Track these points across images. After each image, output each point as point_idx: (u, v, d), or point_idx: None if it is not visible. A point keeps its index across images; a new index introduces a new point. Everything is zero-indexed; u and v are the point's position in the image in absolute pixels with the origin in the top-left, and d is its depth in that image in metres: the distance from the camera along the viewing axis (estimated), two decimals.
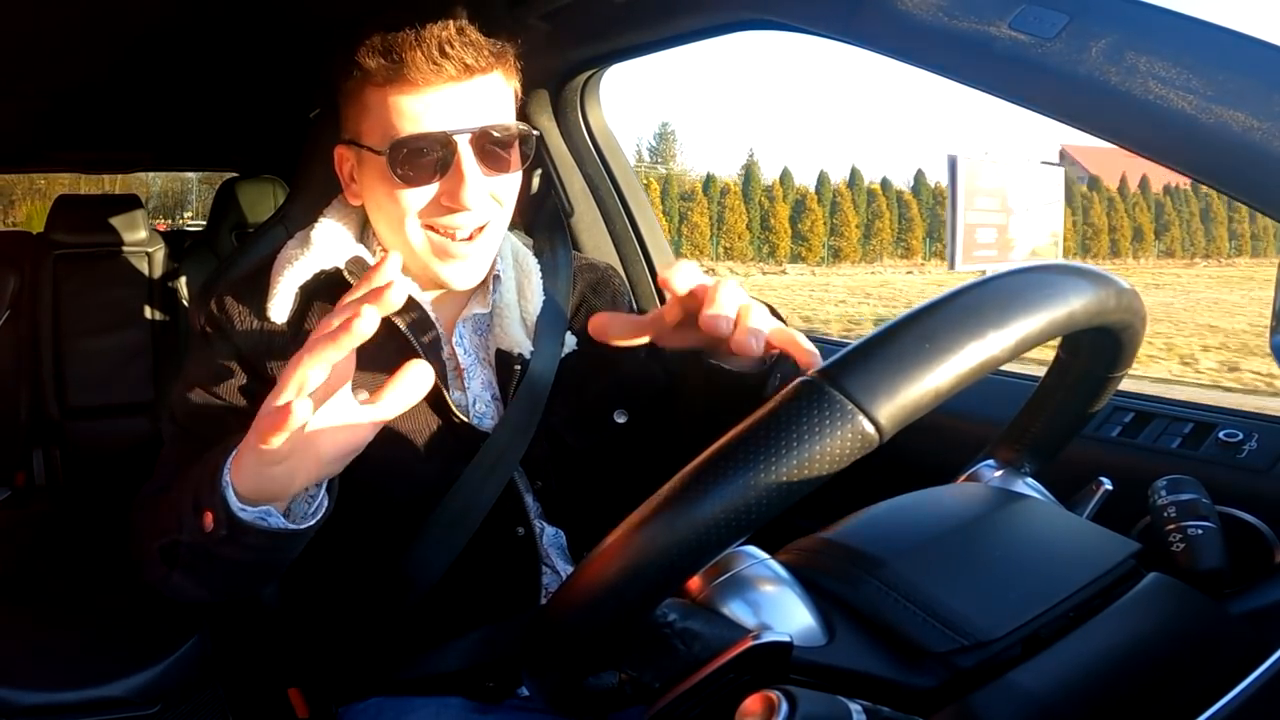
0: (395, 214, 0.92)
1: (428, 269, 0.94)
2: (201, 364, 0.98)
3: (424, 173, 0.88)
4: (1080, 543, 0.60)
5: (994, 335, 0.45)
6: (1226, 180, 0.62)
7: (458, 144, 0.88)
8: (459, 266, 0.93)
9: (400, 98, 0.88)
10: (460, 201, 0.88)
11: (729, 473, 0.43)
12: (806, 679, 0.48)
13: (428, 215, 0.91)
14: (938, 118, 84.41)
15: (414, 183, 0.89)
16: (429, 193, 0.90)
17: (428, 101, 0.87)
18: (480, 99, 0.89)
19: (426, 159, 0.88)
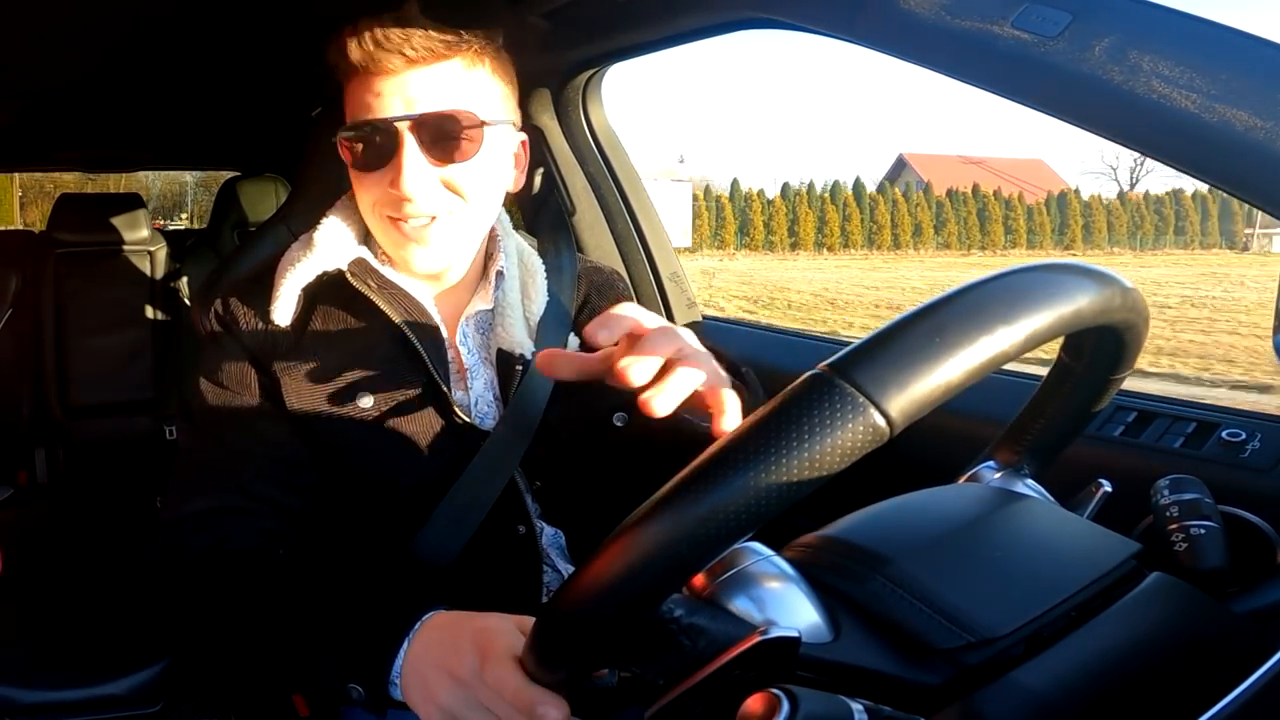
0: (362, 201, 0.94)
1: (397, 255, 0.96)
2: (214, 364, 0.98)
3: (371, 160, 0.90)
4: (1082, 542, 0.60)
5: (1003, 330, 0.45)
6: (1229, 179, 0.62)
7: (399, 130, 0.88)
8: (415, 250, 0.93)
9: (353, 87, 0.91)
10: (400, 189, 0.88)
11: (738, 466, 0.43)
12: (812, 675, 0.48)
13: (381, 203, 0.92)
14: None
15: (364, 169, 0.91)
16: (378, 180, 0.91)
17: (374, 90, 0.89)
18: (428, 88, 0.89)
19: (372, 147, 0.89)
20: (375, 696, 0.73)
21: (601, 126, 1.57)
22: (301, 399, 0.95)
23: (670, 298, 1.62)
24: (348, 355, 0.97)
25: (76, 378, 2.75)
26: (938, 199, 36.13)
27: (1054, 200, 36.29)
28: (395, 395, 0.96)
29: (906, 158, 42.80)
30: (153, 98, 2.09)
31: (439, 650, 0.69)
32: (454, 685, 0.66)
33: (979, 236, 35.19)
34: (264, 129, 2.53)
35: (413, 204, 0.90)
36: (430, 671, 0.69)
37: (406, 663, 0.71)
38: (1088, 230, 36.07)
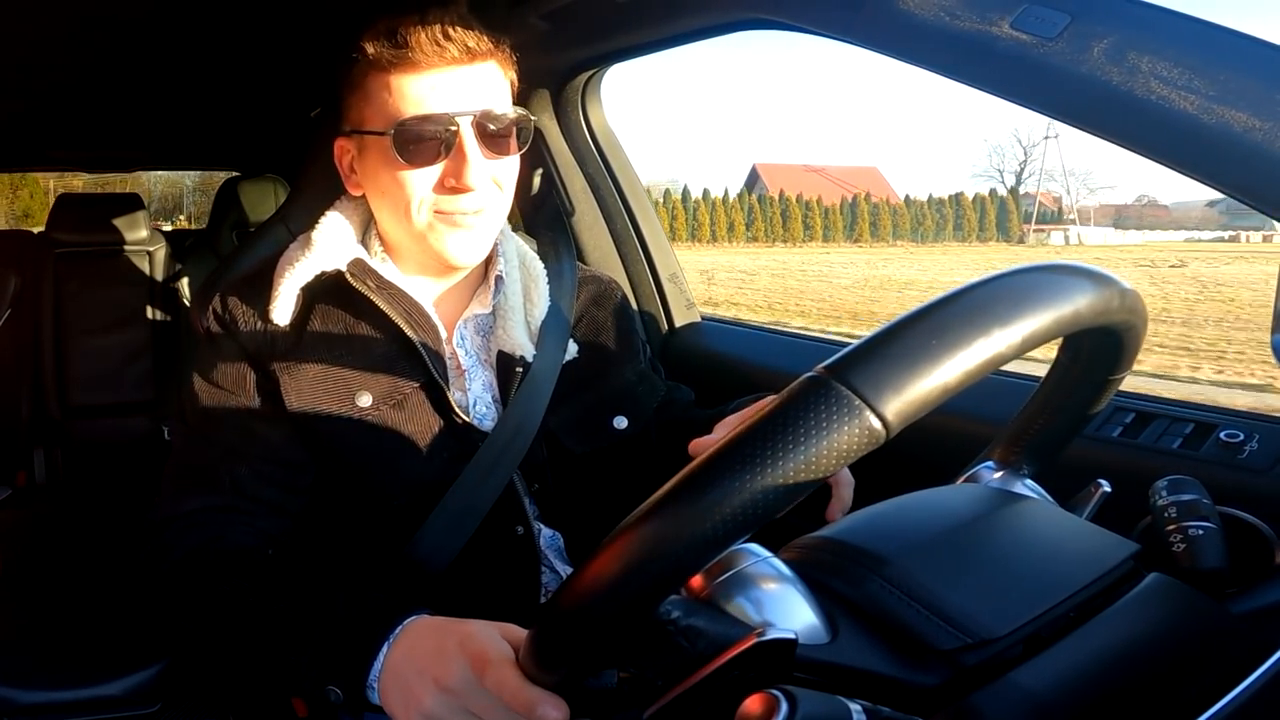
0: (400, 198, 0.92)
1: (431, 251, 0.95)
2: (210, 366, 0.98)
3: (427, 154, 0.90)
4: (1081, 543, 0.60)
5: (1000, 332, 0.45)
6: (1227, 180, 0.62)
7: (460, 125, 0.89)
8: (463, 239, 0.94)
9: (404, 80, 0.89)
10: (464, 181, 0.89)
11: (735, 468, 0.43)
12: (810, 677, 0.48)
13: (432, 197, 0.92)
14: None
15: (418, 163, 0.90)
16: (433, 174, 0.91)
17: (431, 83, 0.89)
18: (480, 83, 0.91)
19: (430, 140, 0.89)
20: (353, 699, 0.73)
21: (601, 127, 1.57)
22: (300, 398, 0.95)
23: (669, 299, 1.62)
24: (346, 354, 0.97)
25: (76, 378, 2.75)
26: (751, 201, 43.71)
27: (847, 204, 44.06)
28: (393, 394, 0.96)
29: (759, 168, 50.34)
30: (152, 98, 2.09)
31: (423, 657, 0.69)
32: (440, 693, 0.65)
33: (781, 231, 42.54)
34: (264, 129, 2.53)
35: (470, 196, 0.91)
36: (413, 678, 0.68)
37: (386, 667, 0.71)
38: (874, 226, 43.43)
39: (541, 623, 0.53)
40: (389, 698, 0.70)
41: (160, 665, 1.41)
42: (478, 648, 0.65)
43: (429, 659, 0.68)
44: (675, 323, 1.63)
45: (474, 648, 0.65)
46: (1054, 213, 53.31)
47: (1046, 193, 55.15)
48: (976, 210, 43.56)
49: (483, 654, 0.64)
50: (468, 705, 0.64)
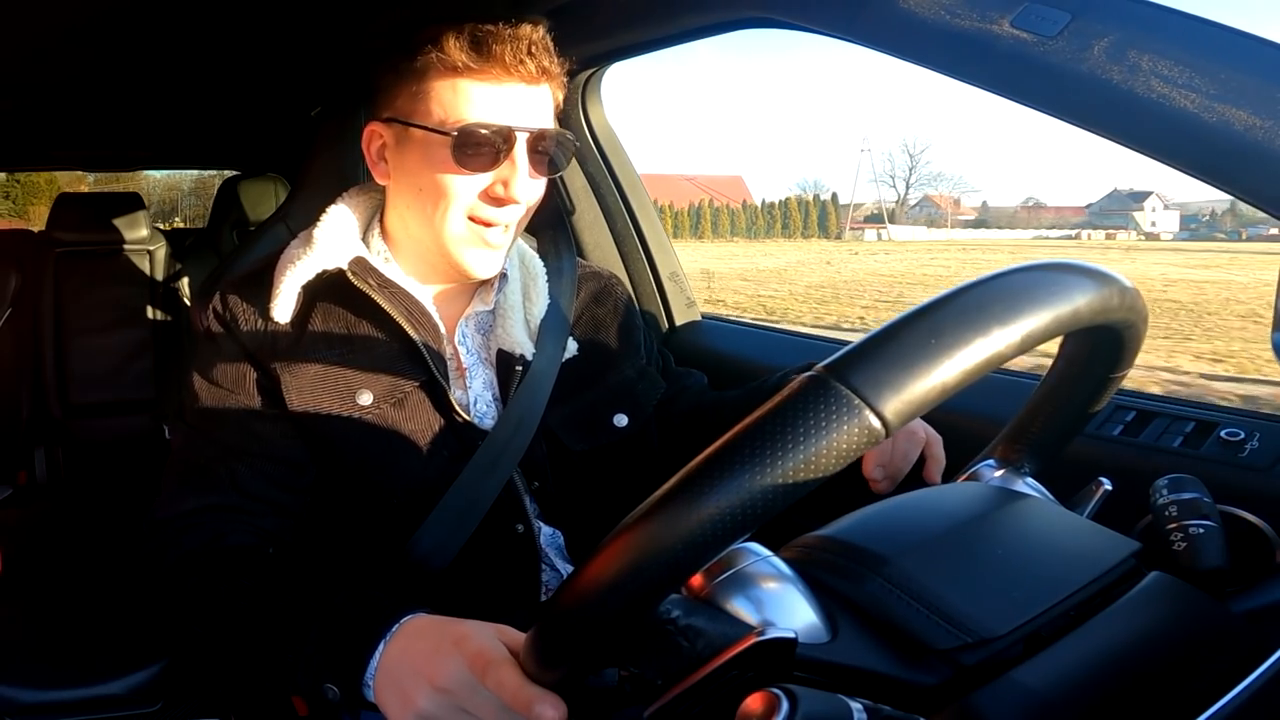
0: (439, 197, 0.93)
1: (449, 258, 0.95)
2: (210, 364, 0.98)
3: (483, 160, 0.91)
4: (1081, 542, 0.60)
5: (1000, 331, 0.45)
6: (1228, 179, 0.62)
7: (518, 140, 0.91)
8: (488, 255, 0.95)
9: (476, 86, 0.90)
10: (512, 192, 0.91)
11: (734, 467, 0.43)
12: (810, 676, 0.48)
13: (472, 203, 0.93)
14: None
15: (471, 168, 0.91)
16: (481, 181, 0.92)
17: (502, 95, 0.91)
18: (540, 104, 0.93)
19: (487, 149, 0.90)
20: (350, 697, 0.73)
21: (601, 126, 1.57)
22: (301, 396, 0.95)
23: (669, 297, 1.62)
24: (347, 353, 0.97)
25: (76, 377, 2.75)
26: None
27: (694, 207, 50.03)
28: (394, 393, 0.96)
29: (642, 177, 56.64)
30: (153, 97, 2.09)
31: (417, 657, 0.69)
32: (434, 692, 0.65)
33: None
34: (264, 128, 2.53)
35: (515, 209, 0.93)
36: (408, 678, 0.68)
37: (381, 666, 0.71)
38: (715, 225, 49.62)
39: (542, 621, 0.53)
40: (384, 697, 0.70)
41: (161, 664, 1.41)
42: (476, 647, 0.65)
43: (424, 658, 0.68)
44: (675, 321, 1.63)
45: (472, 647, 0.65)
46: (945, 212, 62.72)
47: (942, 195, 64.86)
48: (801, 212, 52.39)
49: (482, 653, 0.64)
50: (464, 704, 0.64)
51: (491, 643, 0.65)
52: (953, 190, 65.70)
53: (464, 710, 0.64)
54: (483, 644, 0.65)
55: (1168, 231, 58.46)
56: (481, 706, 0.63)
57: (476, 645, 0.65)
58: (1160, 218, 63.60)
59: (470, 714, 0.64)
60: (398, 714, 0.68)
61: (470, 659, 0.64)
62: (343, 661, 0.73)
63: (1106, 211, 66.36)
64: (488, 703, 0.63)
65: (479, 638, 0.65)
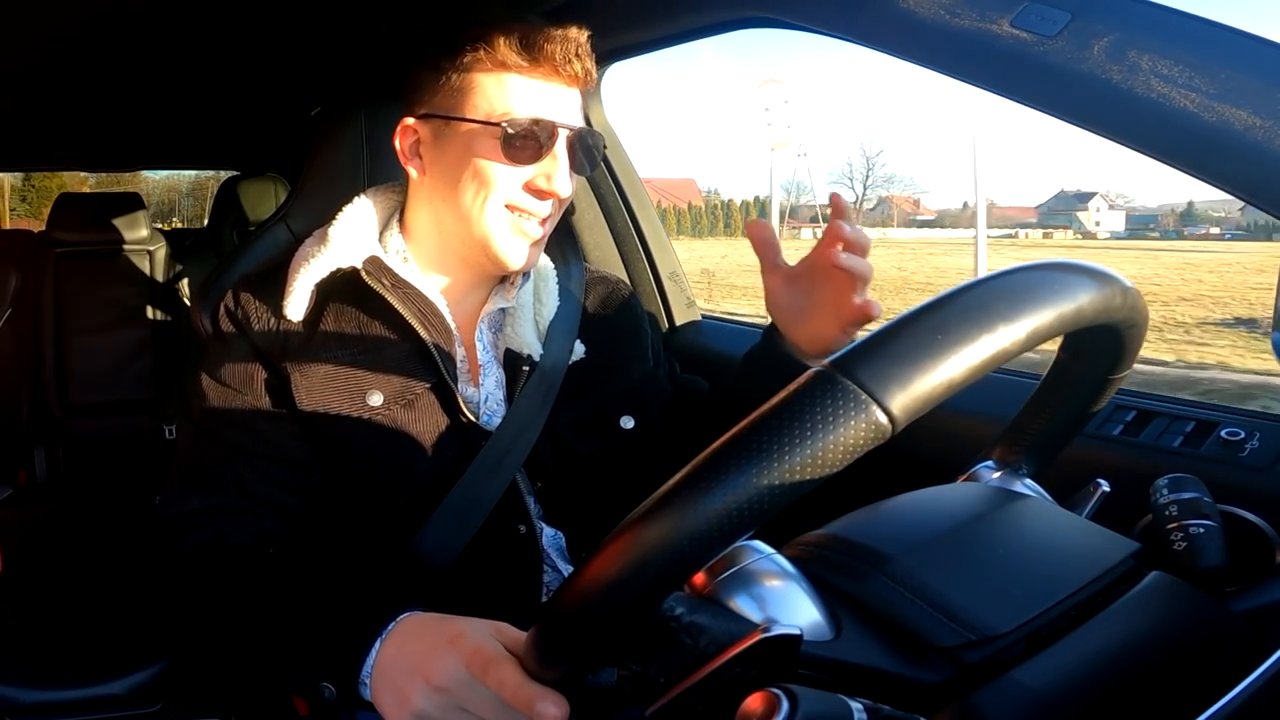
0: (480, 187, 0.94)
1: (487, 250, 0.96)
2: (219, 363, 0.98)
3: (528, 153, 0.93)
4: (1081, 541, 0.60)
5: (1005, 328, 0.45)
6: (1227, 178, 0.62)
7: (560, 136, 0.93)
8: (524, 246, 0.97)
9: (525, 82, 0.93)
10: (553, 185, 0.93)
11: (740, 463, 0.43)
12: (813, 674, 0.48)
13: (514, 194, 0.94)
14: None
15: (518, 160, 0.93)
16: (526, 173, 0.94)
17: (549, 92, 0.94)
18: (577, 105, 0.97)
19: (532, 142, 0.93)
20: (346, 696, 0.73)
21: (601, 126, 1.57)
22: (311, 396, 0.95)
23: (669, 297, 1.62)
24: (359, 353, 0.97)
25: (76, 377, 2.75)
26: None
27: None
28: (405, 394, 0.96)
29: None
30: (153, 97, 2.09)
31: (413, 656, 0.69)
32: (430, 690, 0.65)
33: None
34: (264, 128, 2.53)
35: (555, 202, 0.96)
36: (403, 676, 0.68)
37: (377, 665, 0.71)
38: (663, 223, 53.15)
39: (545, 618, 0.53)
40: (380, 696, 0.70)
41: (162, 664, 1.41)
42: (473, 645, 0.65)
43: (419, 657, 0.68)
44: (675, 321, 1.63)
45: (468, 645, 0.65)
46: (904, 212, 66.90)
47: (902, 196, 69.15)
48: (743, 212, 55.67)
49: (480, 651, 0.64)
50: (462, 703, 0.64)
51: (488, 640, 0.65)
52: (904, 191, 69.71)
53: (462, 709, 0.64)
54: (480, 642, 0.65)
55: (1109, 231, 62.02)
56: (480, 705, 0.63)
57: (473, 643, 0.65)
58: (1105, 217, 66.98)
59: (468, 712, 0.64)
60: (394, 713, 0.68)
61: (467, 657, 0.64)
62: (338, 660, 0.73)
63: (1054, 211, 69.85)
64: (486, 701, 0.63)
65: (475, 635, 0.65)
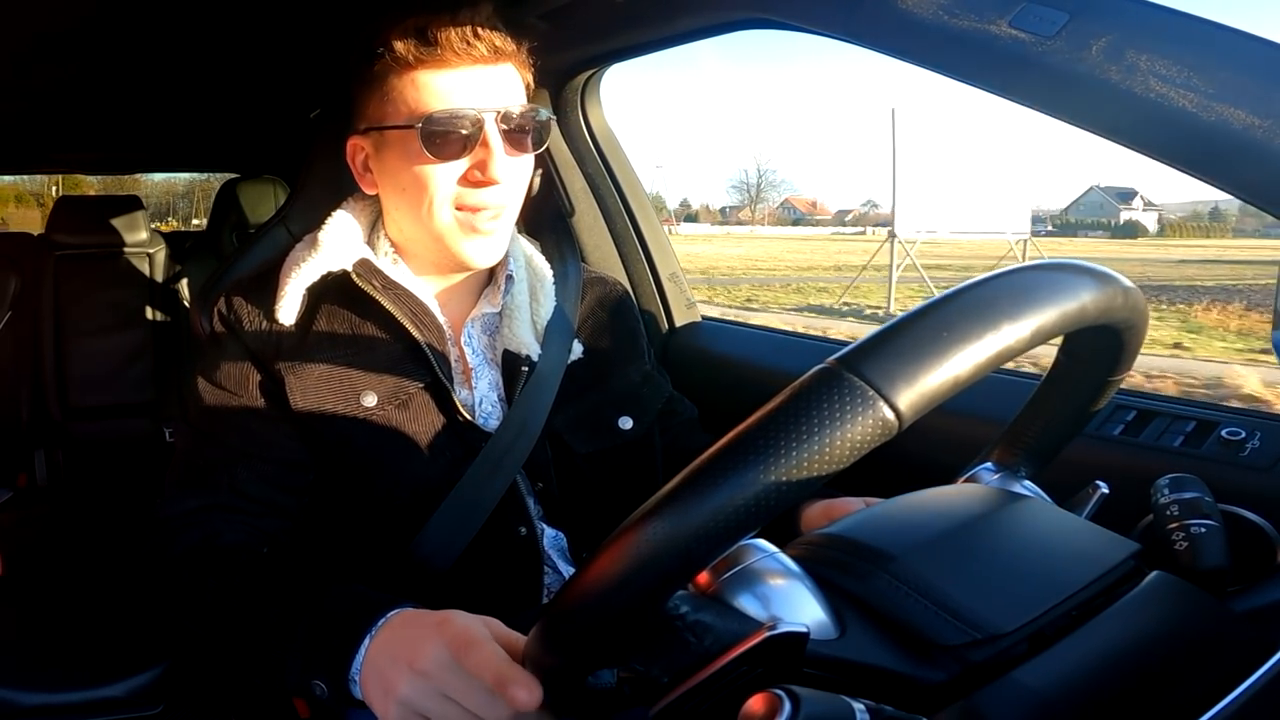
0: (421, 193, 0.93)
1: (448, 252, 0.95)
2: (213, 365, 0.98)
3: (454, 147, 0.90)
4: (1083, 542, 0.60)
5: (1010, 327, 0.45)
6: (1226, 178, 0.62)
7: (485, 121, 0.90)
8: (483, 243, 0.95)
9: (432, 76, 0.90)
10: (490, 173, 0.90)
11: (747, 459, 0.42)
12: (817, 672, 0.48)
13: (455, 192, 0.93)
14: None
15: (444, 156, 0.91)
16: (458, 168, 0.92)
17: (459, 79, 0.90)
18: (503, 82, 0.93)
19: (456, 135, 0.90)
20: (337, 694, 0.73)
21: (600, 127, 1.57)
22: (305, 397, 0.95)
23: (669, 298, 1.62)
24: (352, 354, 0.97)
25: (76, 380, 2.75)
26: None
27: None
28: (399, 394, 0.96)
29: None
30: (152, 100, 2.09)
31: (397, 646, 0.69)
32: (413, 676, 0.65)
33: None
34: (263, 131, 2.53)
35: (495, 190, 0.92)
36: (388, 666, 0.68)
37: (366, 660, 0.71)
38: None
39: (550, 615, 0.52)
40: (369, 689, 0.70)
41: (162, 666, 1.41)
42: (456, 630, 0.65)
43: (404, 645, 0.68)
44: (676, 322, 1.62)
45: (452, 631, 0.65)
46: (805, 213, 79.79)
47: (804, 198, 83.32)
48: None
49: (461, 634, 0.64)
50: (443, 688, 0.64)
51: (473, 624, 0.65)
52: (793, 193, 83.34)
53: (443, 695, 0.64)
54: (464, 625, 0.65)
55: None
56: (461, 690, 0.63)
57: (457, 628, 0.65)
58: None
59: (450, 699, 0.64)
60: (380, 704, 0.68)
61: (450, 640, 0.64)
62: (329, 657, 0.73)
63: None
64: (467, 685, 0.63)
65: (460, 620, 0.66)
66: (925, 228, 11.38)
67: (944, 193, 11.04)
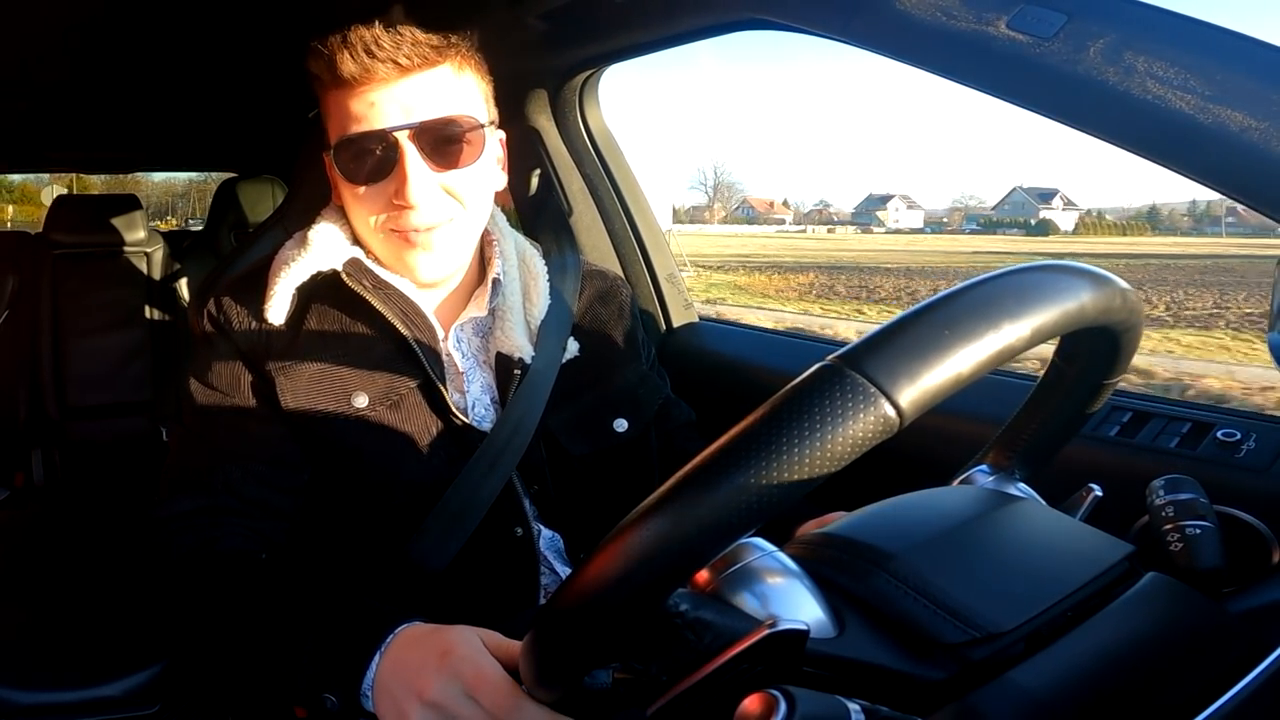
0: (357, 214, 0.93)
1: (399, 265, 0.95)
2: (205, 366, 0.98)
3: (370, 171, 0.89)
4: (1079, 542, 0.60)
5: (1010, 325, 0.46)
6: (1224, 180, 0.62)
7: (399, 140, 0.88)
8: (421, 257, 0.94)
9: (342, 98, 0.89)
10: (406, 198, 0.88)
11: (749, 456, 0.42)
12: (816, 671, 0.48)
13: (381, 215, 0.92)
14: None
15: (360, 181, 0.90)
16: (379, 191, 0.90)
17: (368, 100, 0.88)
18: (423, 95, 0.89)
19: (370, 158, 0.89)
20: (349, 708, 0.73)
21: (598, 128, 1.57)
22: (296, 398, 0.95)
23: (667, 299, 1.62)
24: (342, 354, 0.97)
25: (74, 379, 2.75)
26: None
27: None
28: (390, 394, 0.96)
29: None
30: (151, 99, 2.09)
31: (407, 670, 0.70)
32: (424, 707, 0.66)
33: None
34: (261, 131, 2.53)
35: (417, 213, 0.90)
36: (399, 691, 0.69)
37: (378, 677, 0.72)
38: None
39: (549, 610, 0.52)
40: (381, 709, 0.71)
41: (159, 666, 1.41)
42: (469, 664, 0.65)
43: (413, 673, 0.69)
44: (673, 323, 1.63)
45: (463, 663, 0.66)
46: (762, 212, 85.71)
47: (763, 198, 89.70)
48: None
49: (478, 674, 0.65)
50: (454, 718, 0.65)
51: (482, 657, 0.66)
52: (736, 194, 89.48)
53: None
54: (473, 659, 0.66)
55: (909, 227, 77.76)
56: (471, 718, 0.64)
57: (466, 661, 0.66)
58: (903, 216, 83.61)
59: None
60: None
61: (463, 677, 0.65)
62: (340, 673, 0.73)
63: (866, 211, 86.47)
64: (478, 714, 0.64)
65: (466, 650, 0.66)
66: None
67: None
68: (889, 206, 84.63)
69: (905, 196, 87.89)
